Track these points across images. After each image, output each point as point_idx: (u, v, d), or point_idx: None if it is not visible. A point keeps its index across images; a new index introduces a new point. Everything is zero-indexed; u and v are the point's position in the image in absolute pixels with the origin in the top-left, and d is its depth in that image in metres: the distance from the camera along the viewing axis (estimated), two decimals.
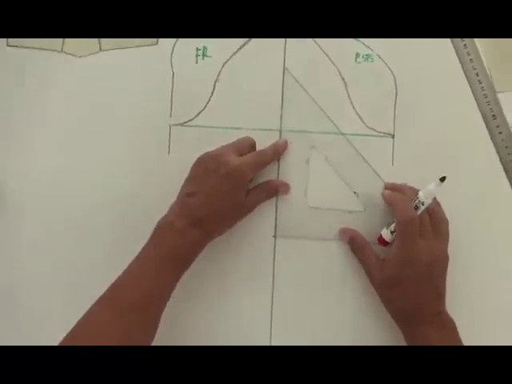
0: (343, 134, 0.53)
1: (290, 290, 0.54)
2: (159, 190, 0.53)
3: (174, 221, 0.48)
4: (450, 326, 0.49)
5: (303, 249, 0.54)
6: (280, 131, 0.54)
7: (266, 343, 0.53)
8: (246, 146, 0.52)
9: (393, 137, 0.53)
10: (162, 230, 0.48)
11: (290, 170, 0.54)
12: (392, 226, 0.50)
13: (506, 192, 0.53)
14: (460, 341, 0.48)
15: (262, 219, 0.54)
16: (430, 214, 0.50)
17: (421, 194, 0.49)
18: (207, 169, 0.49)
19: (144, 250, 0.48)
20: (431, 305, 0.49)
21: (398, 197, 0.50)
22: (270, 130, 0.54)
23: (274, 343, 0.53)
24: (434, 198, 0.49)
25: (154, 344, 0.50)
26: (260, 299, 0.54)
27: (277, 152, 0.53)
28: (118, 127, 0.55)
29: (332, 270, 0.54)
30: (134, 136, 0.54)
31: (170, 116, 0.54)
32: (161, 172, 0.54)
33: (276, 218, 0.54)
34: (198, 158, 0.51)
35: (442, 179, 0.48)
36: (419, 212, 0.49)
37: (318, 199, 0.54)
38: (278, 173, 0.54)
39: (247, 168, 0.50)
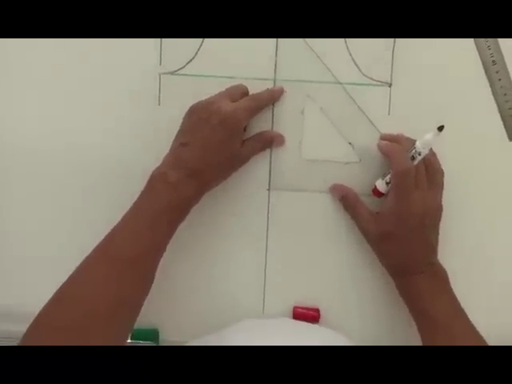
0: (339, 83, 0.52)
1: (284, 242, 0.53)
2: (150, 142, 0.52)
3: (168, 173, 0.47)
4: (441, 275, 0.49)
5: (297, 201, 0.53)
6: (274, 80, 0.52)
7: (260, 296, 0.54)
8: (239, 94, 0.50)
9: (390, 85, 0.52)
10: (156, 182, 0.47)
11: (284, 121, 0.52)
12: (387, 177, 0.49)
13: (502, 141, 0.53)
14: (451, 290, 0.49)
15: (256, 172, 0.53)
16: (426, 165, 0.49)
17: (418, 143, 0.47)
18: (200, 118, 0.48)
19: (138, 202, 0.47)
20: (423, 256, 0.49)
21: (394, 147, 0.49)
22: (264, 79, 0.52)
23: (268, 296, 0.54)
24: (431, 149, 0.48)
25: (148, 295, 0.51)
26: (254, 252, 0.53)
27: (272, 97, 0.52)
28: (104, 77, 0.52)
29: (327, 222, 0.53)
30: (122, 86, 0.52)
31: (160, 64, 0.52)
32: (151, 124, 0.53)
33: (270, 171, 0.53)
34: (190, 107, 0.49)
35: (440, 128, 0.46)
36: (416, 162, 0.48)
37: (312, 151, 0.52)
38: (272, 124, 0.52)
39: (241, 114, 0.48)
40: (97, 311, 0.41)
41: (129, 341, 0.52)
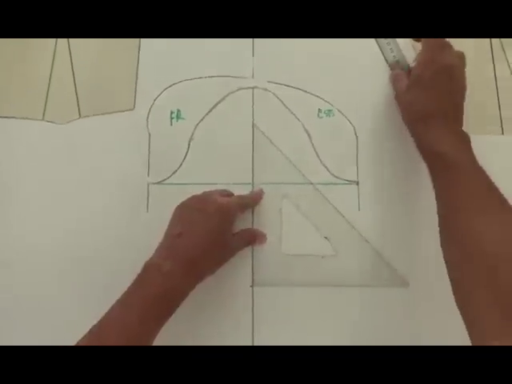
0: (312, 184, 0.57)
1: (270, 338, 0.55)
2: (138, 248, 0.53)
3: (162, 263, 0.47)
4: (464, 134, 0.50)
5: (281, 296, 0.55)
6: (252, 184, 0.57)
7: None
8: (226, 193, 0.55)
9: (357, 183, 0.57)
10: (149, 272, 0.47)
11: (264, 220, 0.56)
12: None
13: None
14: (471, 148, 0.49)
15: (239, 268, 0.55)
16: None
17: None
18: (194, 208, 0.50)
19: (128, 294, 0.47)
20: (449, 104, 0.51)
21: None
22: (243, 183, 0.57)
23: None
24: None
25: None
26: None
27: (255, 198, 0.56)
28: (97, 188, 0.57)
29: (310, 316, 0.55)
30: (113, 196, 0.57)
31: (148, 175, 0.57)
32: (140, 229, 0.56)
33: (252, 267, 0.56)
34: (183, 202, 0.52)
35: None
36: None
37: (291, 246, 0.56)
38: (253, 223, 0.57)
39: (234, 206, 0.52)
40: None
41: None
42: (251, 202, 0.56)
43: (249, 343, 0.54)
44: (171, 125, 0.58)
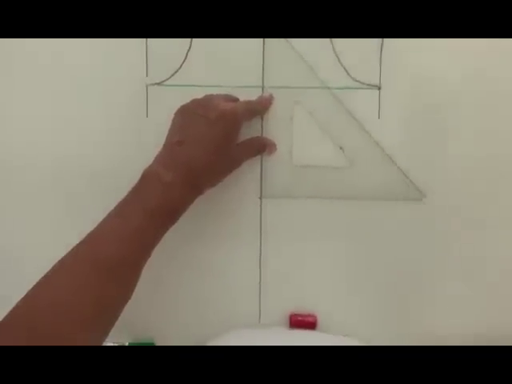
0: (328, 88, 0.51)
1: (277, 250, 0.53)
2: (138, 154, 0.50)
3: (162, 172, 0.44)
4: None
5: (290, 208, 0.53)
6: (262, 88, 0.52)
7: (256, 304, 0.53)
8: (231, 98, 0.50)
9: (379, 88, 0.52)
10: (148, 181, 0.44)
11: (274, 128, 0.52)
12: None
13: None
14: None
15: (247, 180, 0.52)
16: None
17: None
18: (196, 114, 0.46)
19: (126, 201, 0.44)
20: None
21: None
22: (252, 86, 0.51)
23: (264, 304, 0.53)
24: None
25: (143, 307, 0.51)
26: (248, 260, 0.53)
27: (263, 104, 0.51)
28: (92, 91, 0.52)
29: (320, 228, 0.53)
30: (111, 99, 0.52)
31: (146, 75, 0.52)
32: (139, 136, 0.52)
33: (261, 178, 0.52)
34: (183, 106, 0.48)
35: None
36: None
37: (303, 157, 0.52)
38: (262, 130, 0.52)
39: (239, 112, 0.47)
40: (76, 318, 0.39)
41: None
42: (259, 108, 0.51)
43: (256, 256, 0.53)
44: None
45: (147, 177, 0.44)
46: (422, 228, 0.52)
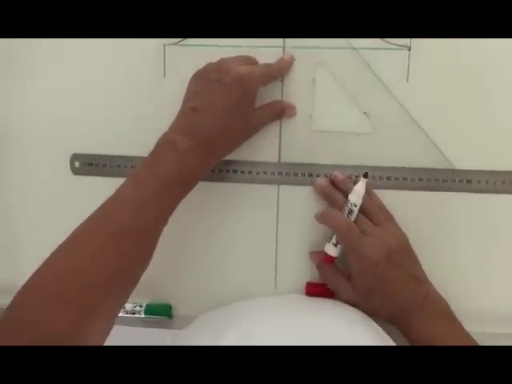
0: (354, 48, 0.48)
1: (295, 215, 0.51)
2: (156, 116, 0.49)
3: (177, 139, 0.43)
4: (440, 306, 0.47)
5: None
6: (283, 48, 0.49)
7: (272, 271, 0.52)
8: (249, 62, 0.48)
9: (409, 49, 0.48)
10: (164, 149, 0.43)
11: (294, 91, 0.49)
12: (333, 239, 0.48)
13: None
14: (455, 319, 0.47)
15: (264, 146, 0.50)
16: (366, 208, 0.47)
17: (351, 197, 0.47)
18: (210, 79, 0.45)
19: (141, 170, 0.43)
20: (412, 292, 0.46)
21: (327, 214, 0.48)
22: (272, 46, 0.49)
23: (280, 271, 0.52)
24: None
25: (161, 270, 0.51)
26: (265, 226, 0.52)
27: (283, 68, 0.49)
28: (109, 52, 0.51)
29: None
30: (127, 59, 0.51)
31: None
32: (157, 97, 0.51)
33: (280, 144, 0.50)
34: (197, 71, 0.46)
35: (365, 175, 0.47)
36: (354, 215, 0.46)
37: (324, 122, 0.50)
38: (282, 94, 0.50)
39: (256, 77, 0.46)
40: (95, 286, 0.39)
41: (142, 316, 0.53)
42: (277, 72, 0.48)
43: (273, 218, 0.51)
44: None
45: (162, 144, 0.44)
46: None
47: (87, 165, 0.53)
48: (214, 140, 0.44)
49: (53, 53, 0.52)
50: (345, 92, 0.49)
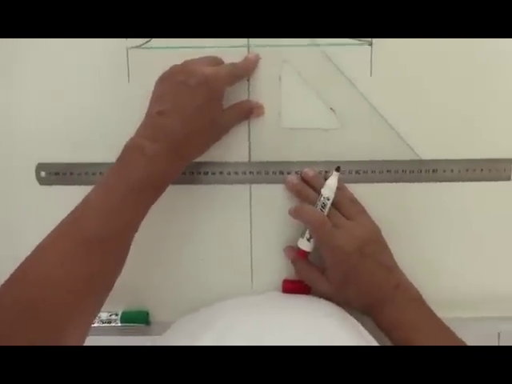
0: (317, 45, 0.49)
1: (268, 215, 0.52)
2: (122, 121, 0.48)
3: (145, 144, 0.42)
4: (412, 295, 0.48)
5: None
6: (248, 47, 0.49)
7: (248, 271, 0.52)
8: (215, 62, 0.47)
9: (371, 44, 0.49)
10: (131, 154, 0.43)
11: (261, 89, 0.50)
12: (306, 234, 0.48)
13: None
14: (424, 306, 0.48)
15: (234, 146, 0.50)
16: (338, 202, 0.48)
17: (324, 191, 0.48)
18: (176, 81, 0.44)
19: (110, 176, 0.43)
20: (385, 282, 0.47)
21: (300, 209, 0.48)
22: (236, 46, 0.49)
23: (256, 271, 0.53)
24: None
25: (137, 277, 0.51)
26: (239, 227, 0.52)
27: (248, 67, 0.49)
28: (71, 53, 0.50)
29: None
30: (91, 62, 0.50)
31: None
32: (122, 101, 0.50)
33: (249, 143, 0.50)
34: (163, 73, 0.46)
35: (338, 169, 0.48)
36: (327, 209, 0.47)
37: (292, 119, 0.50)
38: (249, 93, 0.50)
39: (222, 77, 0.45)
40: (68, 291, 0.39)
41: (119, 324, 0.52)
42: (243, 71, 0.48)
43: (247, 218, 0.52)
44: None
45: (130, 150, 0.43)
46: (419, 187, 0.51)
47: (54, 174, 0.51)
48: (183, 143, 0.44)
49: (10, 56, 0.50)
50: (311, 89, 0.50)
